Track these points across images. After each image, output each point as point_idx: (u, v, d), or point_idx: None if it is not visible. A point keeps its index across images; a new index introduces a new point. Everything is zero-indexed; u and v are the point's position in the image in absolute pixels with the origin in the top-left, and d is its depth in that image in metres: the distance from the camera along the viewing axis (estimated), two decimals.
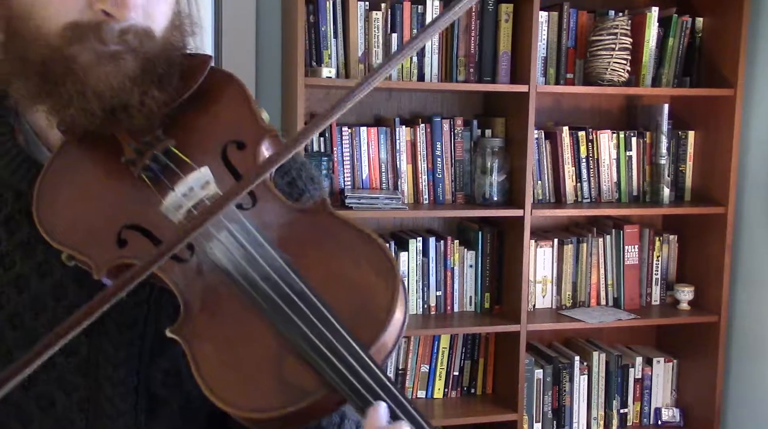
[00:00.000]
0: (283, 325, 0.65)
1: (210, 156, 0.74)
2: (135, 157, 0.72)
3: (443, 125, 2.63)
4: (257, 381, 0.64)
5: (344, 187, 2.55)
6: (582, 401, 2.81)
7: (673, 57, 2.74)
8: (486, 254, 2.68)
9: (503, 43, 2.56)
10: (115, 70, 0.71)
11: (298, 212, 0.72)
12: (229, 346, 0.66)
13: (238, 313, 0.67)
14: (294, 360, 0.64)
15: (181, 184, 0.71)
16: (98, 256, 0.70)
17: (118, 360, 0.78)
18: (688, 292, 2.79)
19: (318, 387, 0.63)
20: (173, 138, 0.74)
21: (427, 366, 2.72)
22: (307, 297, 0.65)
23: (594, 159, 2.75)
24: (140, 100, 0.72)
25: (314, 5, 2.45)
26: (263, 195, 0.73)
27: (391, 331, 0.66)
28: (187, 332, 0.66)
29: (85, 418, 0.79)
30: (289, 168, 0.88)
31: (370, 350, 0.64)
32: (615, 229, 2.80)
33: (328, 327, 0.64)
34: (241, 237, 0.68)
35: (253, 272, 0.66)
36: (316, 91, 2.64)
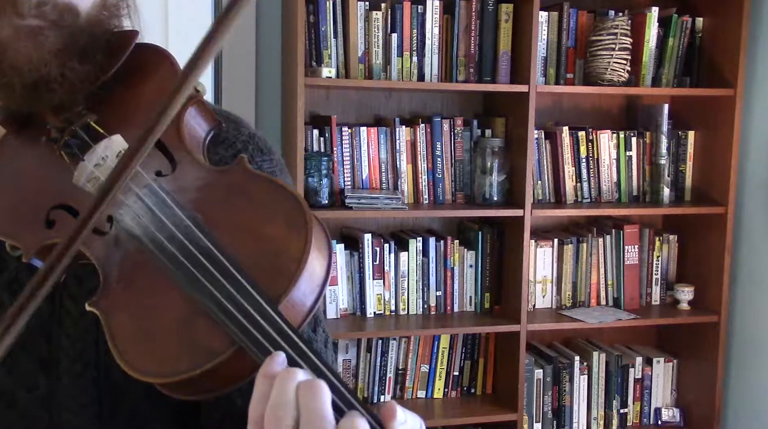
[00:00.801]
0: (189, 285, 0.63)
1: (133, 128, 0.73)
2: (56, 136, 0.72)
3: (443, 125, 2.63)
4: (167, 346, 0.63)
5: (344, 187, 2.55)
6: (582, 401, 2.81)
7: (673, 57, 2.74)
8: (486, 254, 2.68)
9: (503, 43, 2.56)
10: (34, 44, 0.70)
11: (215, 173, 0.71)
12: (141, 313, 0.65)
13: (150, 279, 0.66)
14: (203, 321, 0.63)
15: (91, 153, 0.70)
16: (26, 239, 0.69)
17: (76, 353, 0.78)
18: (688, 292, 2.79)
19: (225, 346, 0.61)
20: (96, 113, 0.73)
21: (427, 366, 2.72)
22: (213, 254, 0.64)
23: (594, 159, 2.76)
24: (60, 72, 0.70)
25: (314, 5, 2.45)
26: (182, 160, 0.72)
27: (304, 285, 0.64)
28: (104, 305, 0.66)
29: (48, 415, 0.78)
30: (233, 140, 0.86)
31: (280, 305, 0.62)
32: (615, 229, 2.80)
33: (234, 283, 0.62)
34: (149, 201, 0.67)
35: (160, 234, 0.65)
36: (316, 91, 2.64)
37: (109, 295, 0.66)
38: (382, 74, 2.53)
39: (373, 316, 2.60)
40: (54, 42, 0.71)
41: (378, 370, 2.66)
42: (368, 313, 2.60)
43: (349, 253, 2.60)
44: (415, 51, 2.55)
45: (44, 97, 0.71)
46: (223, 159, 0.84)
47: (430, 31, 2.55)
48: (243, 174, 0.70)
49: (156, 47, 0.79)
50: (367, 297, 2.59)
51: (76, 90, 0.72)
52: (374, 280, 2.59)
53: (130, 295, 0.66)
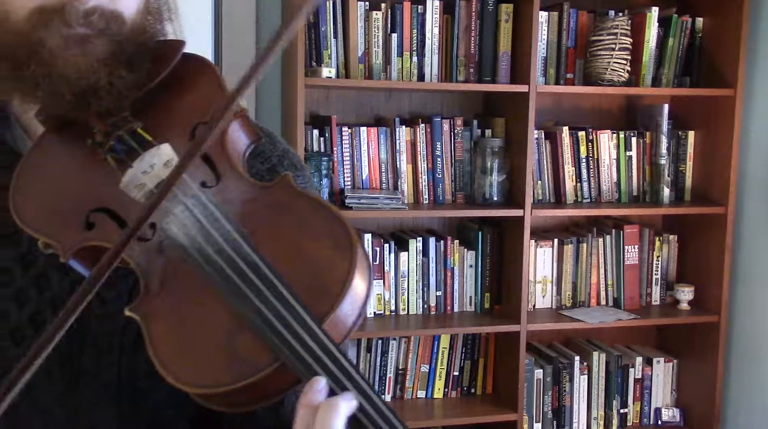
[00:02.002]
0: (235, 298, 0.64)
1: (177, 136, 0.74)
2: (102, 140, 0.72)
3: (443, 125, 2.63)
4: (209, 356, 0.64)
5: (344, 187, 2.55)
6: (582, 401, 2.81)
7: (673, 57, 2.74)
8: (486, 254, 2.68)
9: (503, 43, 2.56)
10: (83, 52, 0.71)
11: (260, 188, 0.72)
12: (183, 322, 0.66)
13: (194, 289, 0.66)
14: (247, 334, 0.63)
15: (139, 160, 0.71)
16: (65, 240, 0.70)
17: (101, 351, 0.78)
18: (688, 292, 2.79)
19: (269, 361, 0.62)
20: (142, 120, 0.74)
21: (427, 366, 2.72)
22: (260, 270, 0.65)
23: (594, 159, 2.75)
24: (108, 80, 0.71)
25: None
26: (226, 172, 0.72)
27: (347, 306, 0.65)
28: (145, 311, 0.66)
29: (67, 412, 0.79)
30: (269, 154, 0.88)
31: (324, 324, 0.63)
32: (615, 229, 2.80)
33: (280, 300, 0.63)
34: (197, 211, 0.68)
35: (207, 246, 0.66)
36: (316, 91, 2.64)
37: (150, 301, 0.67)
38: (382, 74, 2.53)
39: (373, 316, 2.60)
40: (102, 50, 0.71)
41: (378, 370, 2.66)
42: (368, 313, 2.60)
43: None
44: (415, 51, 2.54)
45: (92, 103, 0.72)
46: (259, 172, 0.85)
47: (430, 31, 2.55)
48: (288, 191, 0.71)
49: (200, 57, 0.80)
50: None
51: (123, 97, 0.73)
52: (374, 280, 2.59)
53: (173, 304, 0.67)
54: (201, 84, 0.78)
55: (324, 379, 0.61)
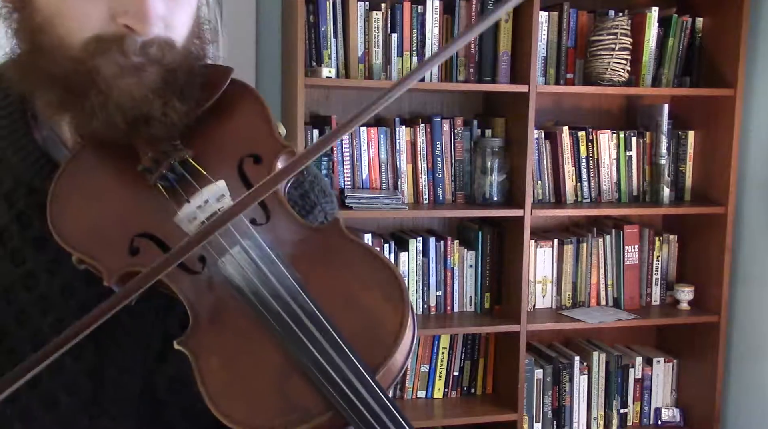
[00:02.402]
0: (290, 343, 0.64)
1: (226, 169, 0.74)
2: (152, 166, 0.72)
3: (443, 125, 2.63)
4: (260, 398, 0.64)
5: (344, 187, 2.55)
6: (582, 401, 2.81)
7: (673, 57, 2.74)
8: (486, 254, 2.68)
9: (503, 43, 2.56)
10: (138, 82, 0.71)
11: (311, 230, 0.72)
12: (234, 361, 0.66)
13: (246, 329, 0.66)
14: (299, 380, 0.64)
15: (197, 196, 0.70)
16: (109, 262, 0.70)
17: (125, 364, 0.78)
18: (688, 292, 2.79)
19: (322, 409, 0.63)
20: (191, 148, 0.74)
21: (427, 366, 2.72)
22: (316, 317, 0.65)
23: (594, 159, 2.75)
24: (162, 111, 0.71)
25: (314, 5, 2.45)
26: (276, 210, 0.73)
27: (398, 357, 0.66)
28: (194, 345, 0.66)
29: (88, 419, 0.79)
30: (302, 181, 0.89)
31: (377, 375, 0.64)
32: (615, 229, 2.80)
33: (336, 349, 0.64)
34: (254, 253, 0.68)
35: (264, 289, 0.66)
36: (316, 91, 2.64)
37: (200, 336, 0.67)
38: (382, 74, 2.53)
39: None
40: (155, 79, 0.71)
41: None
42: None
43: None
44: (415, 51, 2.54)
45: (143, 131, 0.72)
46: (292, 198, 0.85)
47: (430, 31, 2.55)
48: (340, 237, 0.71)
49: (245, 85, 0.80)
50: None
51: (175, 128, 0.73)
52: None
53: (224, 341, 0.67)
54: (247, 113, 0.79)
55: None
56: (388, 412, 0.63)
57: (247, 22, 2.60)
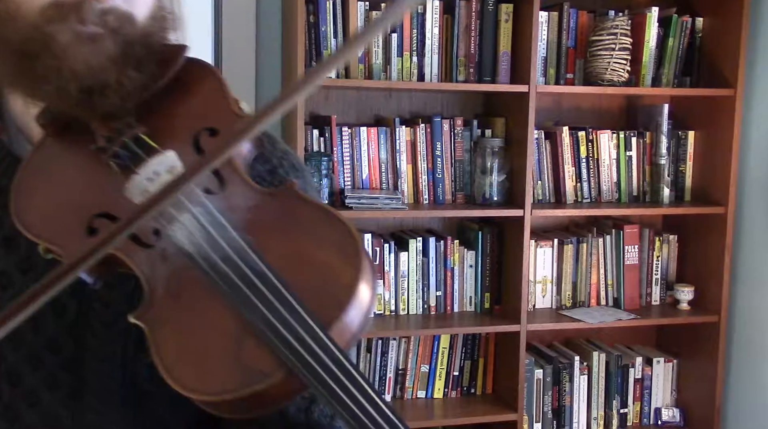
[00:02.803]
0: (242, 306, 0.64)
1: (180, 142, 0.74)
2: (105, 145, 0.72)
3: (443, 125, 2.63)
4: (215, 364, 0.64)
5: (344, 187, 2.55)
6: (582, 401, 2.81)
7: (673, 57, 2.74)
8: (486, 254, 2.68)
9: (503, 43, 2.56)
10: (94, 50, 0.70)
11: (266, 195, 0.72)
12: (189, 330, 0.66)
13: (199, 296, 0.66)
14: (253, 342, 0.63)
15: (145, 166, 0.70)
16: (68, 246, 0.70)
17: (104, 355, 0.78)
18: (688, 292, 2.79)
19: (275, 369, 0.62)
20: (145, 125, 0.74)
21: (427, 366, 2.72)
22: (267, 277, 0.65)
23: (594, 159, 2.76)
24: (117, 79, 0.71)
25: (314, 5, 2.45)
26: (231, 179, 0.72)
27: (353, 312, 0.65)
28: (149, 317, 0.66)
29: (71, 414, 0.79)
30: (270, 156, 0.88)
31: (330, 331, 0.63)
32: (615, 229, 2.80)
33: (287, 307, 0.63)
34: (204, 219, 0.68)
35: (214, 254, 0.66)
36: (316, 91, 2.64)
37: (155, 308, 0.67)
38: (382, 74, 2.53)
39: (373, 317, 2.60)
40: (113, 49, 0.71)
41: (378, 370, 2.66)
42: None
43: None
44: (415, 51, 2.55)
45: (97, 103, 0.72)
46: (260, 174, 0.85)
47: (430, 31, 2.55)
48: (293, 198, 0.71)
49: (203, 62, 0.80)
50: None
51: (129, 98, 0.73)
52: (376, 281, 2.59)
53: (178, 311, 0.67)
54: (204, 89, 0.78)
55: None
56: (343, 369, 0.62)
57: (247, 22, 2.60)
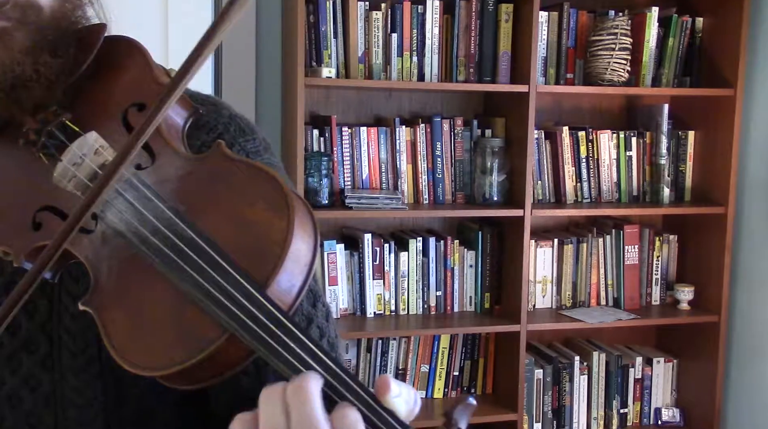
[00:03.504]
0: (176, 276, 0.63)
1: (108, 122, 0.73)
2: (34, 138, 0.71)
3: (443, 125, 2.63)
4: (160, 338, 0.64)
5: (344, 187, 2.55)
6: (582, 401, 2.81)
7: (673, 57, 2.74)
8: (486, 254, 2.68)
9: (503, 43, 2.56)
10: (3, 46, 0.69)
11: (194, 161, 0.71)
12: (132, 308, 0.66)
13: (138, 274, 0.66)
14: (193, 310, 0.63)
15: (68, 152, 0.70)
16: (15, 244, 0.69)
17: (77, 349, 0.78)
18: (688, 292, 2.79)
19: (217, 333, 0.61)
20: (71, 112, 0.73)
21: (427, 366, 2.72)
22: (196, 243, 0.64)
23: (594, 159, 2.76)
24: (34, 68, 0.70)
25: (314, 5, 2.45)
26: (161, 151, 0.71)
27: (290, 266, 0.64)
28: (96, 302, 0.66)
29: (54, 413, 0.79)
30: (215, 123, 0.85)
31: (267, 288, 0.62)
32: (615, 229, 2.80)
33: (219, 271, 0.62)
34: (129, 196, 0.67)
35: (143, 228, 0.65)
36: (316, 91, 2.64)
37: (100, 292, 0.67)
38: (382, 74, 2.53)
39: (373, 316, 2.60)
40: (22, 41, 0.70)
41: (378, 370, 2.66)
42: (368, 313, 2.60)
43: (349, 253, 2.60)
44: (415, 51, 2.55)
45: (22, 96, 0.71)
46: (206, 143, 0.83)
47: (430, 31, 2.55)
48: (221, 159, 0.70)
49: (127, 39, 0.79)
50: (367, 297, 2.59)
51: (53, 86, 0.72)
52: (374, 280, 2.60)
53: (120, 291, 0.66)
54: (128, 65, 0.77)
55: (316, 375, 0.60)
56: (282, 327, 0.60)
57: (247, 23, 2.60)
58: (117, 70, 0.77)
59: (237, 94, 2.61)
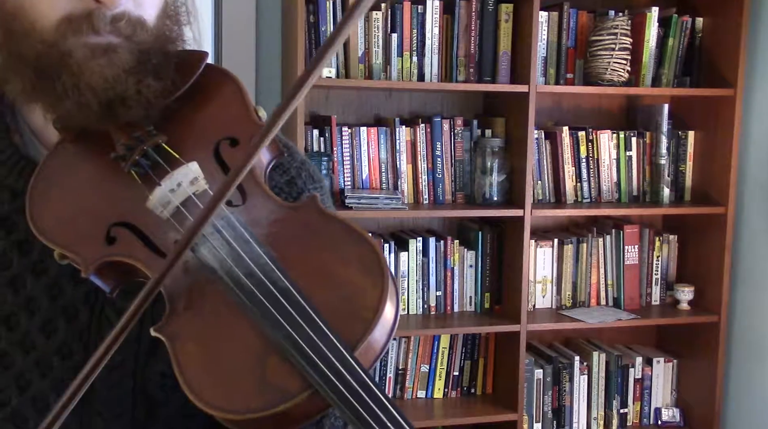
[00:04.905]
0: (266, 323, 0.63)
1: (201, 152, 0.73)
2: (125, 153, 0.71)
3: (443, 125, 2.63)
4: (238, 381, 0.63)
5: (344, 187, 2.55)
6: (582, 401, 2.81)
7: (673, 57, 2.74)
8: (486, 254, 2.68)
9: (503, 43, 2.56)
10: (110, 62, 0.70)
11: (288, 209, 0.71)
12: (211, 345, 0.65)
13: (222, 311, 0.65)
14: (277, 360, 0.62)
15: (168, 179, 0.69)
16: (86, 254, 0.69)
17: (114, 363, 0.77)
18: (688, 292, 2.79)
19: (300, 389, 0.61)
20: (165, 134, 0.73)
21: (427, 366, 2.72)
22: (291, 295, 0.64)
23: (594, 159, 2.75)
24: (136, 89, 0.71)
25: (314, 5, 2.45)
26: (253, 191, 0.71)
27: (378, 332, 0.64)
28: (171, 331, 0.65)
29: (80, 421, 0.78)
30: (288, 166, 0.87)
31: (356, 351, 0.62)
32: (615, 229, 2.80)
33: (312, 326, 0.62)
34: (227, 234, 0.67)
35: (238, 269, 0.65)
36: (316, 91, 2.64)
37: (177, 322, 0.66)
38: (382, 74, 2.53)
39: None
40: (127, 60, 0.71)
41: (378, 370, 2.66)
42: None
43: None
44: (415, 51, 2.54)
45: (120, 113, 0.71)
46: (278, 185, 0.84)
47: (430, 31, 2.55)
48: (316, 213, 0.70)
49: (224, 70, 0.79)
50: None
51: (151, 107, 0.72)
52: None
53: (200, 325, 0.66)
54: (224, 97, 0.77)
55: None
56: (367, 390, 0.61)
57: (247, 22, 2.60)
58: (211, 98, 0.77)
59: None
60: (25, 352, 0.77)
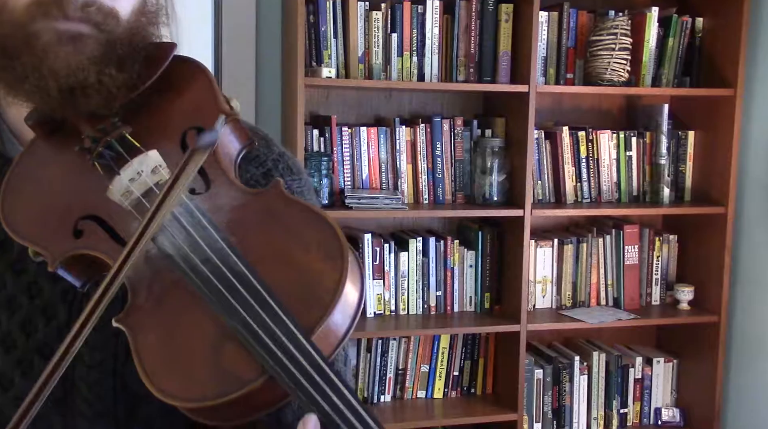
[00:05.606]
0: (221, 309, 0.63)
1: (167, 142, 0.73)
2: (90, 146, 0.71)
3: (443, 125, 2.63)
4: (195, 370, 0.63)
5: (344, 187, 2.55)
6: (582, 401, 2.81)
7: (673, 57, 2.74)
8: (486, 254, 2.68)
9: (503, 43, 2.56)
10: (75, 50, 0.70)
11: (250, 195, 0.71)
12: (169, 334, 0.65)
13: (181, 300, 0.65)
14: (233, 347, 0.62)
15: (127, 167, 0.70)
16: (54, 248, 0.69)
17: (93, 361, 0.77)
18: (688, 292, 2.79)
19: (256, 375, 0.60)
20: (132, 126, 0.73)
21: (427, 366, 2.72)
22: (247, 279, 0.63)
23: (594, 159, 2.75)
24: (97, 78, 0.71)
25: (314, 5, 2.45)
26: (217, 179, 0.71)
27: (338, 316, 0.63)
28: (132, 321, 0.65)
29: (63, 420, 0.78)
30: (265, 159, 0.87)
31: (313, 335, 0.61)
32: (615, 229, 2.80)
33: (267, 310, 0.62)
34: (184, 220, 0.67)
35: (194, 255, 0.65)
36: (316, 91, 2.64)
37: (137, 312, 0.66)
38: (382, 74, 2.53)
39: (373, 316, 2.60)
40: (93, 49, 0.71)
41: (378, 370, 2.66)
42: (368, 313, 2.60)
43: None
44: (415, 51, 2.54)
45: (80, 102, 0.71)
46: (254, 177, 0.84)
47: (430, 31, 2.55)
48: (279, 199, 0.69)
49: (193, 61, 0.79)
50: (367, 297, 2.59)
51: (113, 98, 0.72)
52: (374, 280, 2.59)
53: (159, 315, 0.66)
54: (191, 87, 0.77)
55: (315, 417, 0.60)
56: (323, 375, 0.60)
57: (247, 22, 2.59)
58: (180, 91, 0.77)
59: (237, 94, 2.59)
60: (6, 351, 0.77)
